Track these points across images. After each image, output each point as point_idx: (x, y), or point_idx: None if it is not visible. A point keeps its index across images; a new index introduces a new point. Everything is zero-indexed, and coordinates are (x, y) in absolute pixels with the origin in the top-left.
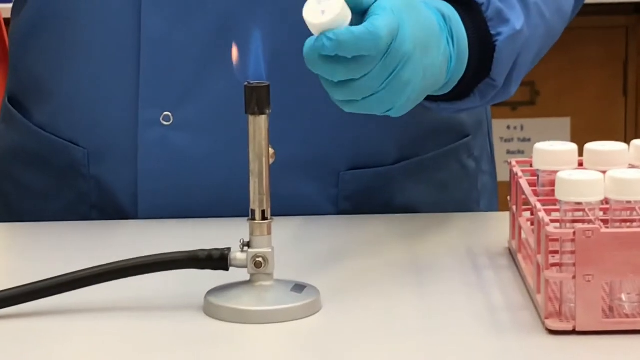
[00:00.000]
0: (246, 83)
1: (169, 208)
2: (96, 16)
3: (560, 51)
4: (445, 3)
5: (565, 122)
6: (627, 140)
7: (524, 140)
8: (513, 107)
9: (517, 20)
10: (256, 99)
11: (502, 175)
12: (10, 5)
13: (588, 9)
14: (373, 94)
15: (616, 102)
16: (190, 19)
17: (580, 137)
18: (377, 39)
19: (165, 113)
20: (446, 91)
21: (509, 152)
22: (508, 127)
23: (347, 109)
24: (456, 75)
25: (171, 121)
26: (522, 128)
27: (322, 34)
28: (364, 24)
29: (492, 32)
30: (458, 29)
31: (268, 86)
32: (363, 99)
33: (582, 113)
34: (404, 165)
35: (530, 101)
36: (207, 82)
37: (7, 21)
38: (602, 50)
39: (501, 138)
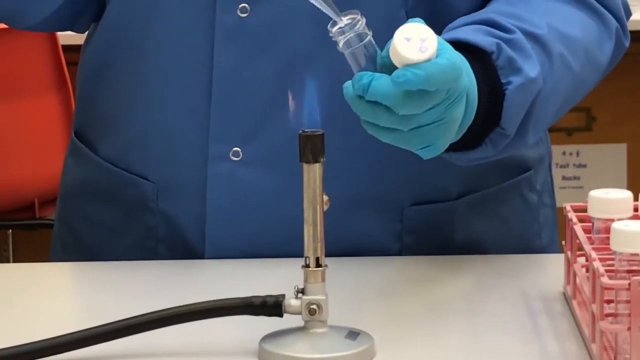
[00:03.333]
0: (300, 131)
1: (236, 243)
2: (168, 51)
3: (616, 77)
4: (455, 50)
5: (622, 148)
6: None
7: (579, 166)
8: (569, 133)
9: (532, 69)
10: (311, 148)
11: (557, 201)
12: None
13: None
14: (420, 126)
15: None
16: (262, 55)
17: (636, 164)
18: (458, 70)
19: (235, 148)
20: (456, 139)
21: (564, 177)
22: (564, 153)
23: (386, 139)
24: (465, 123)
25: (240, 157)
26: (577, 154)
27: (407, 68)
28: (439, 57)
29: (503, 81)
30: (468, 76)
31: (322, 134)
32: (409, 130)
33: (638, 139)
34: (467, 200)
35: (586, 127)
36: (277, 119)
37: (64, 48)
38: None
39: (557, 164)
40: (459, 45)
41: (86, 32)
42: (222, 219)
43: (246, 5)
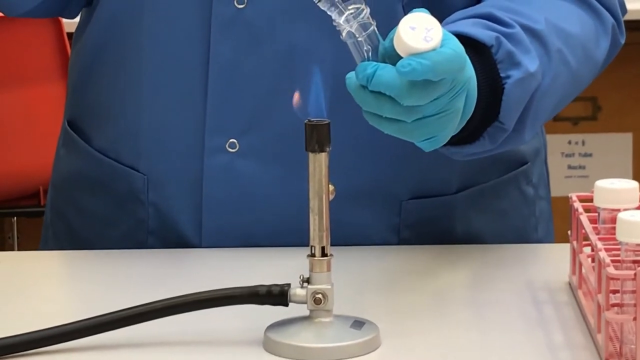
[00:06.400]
0: (306, 121)
1: (232, 235)
2: (163, 42)
3: (622, 66)
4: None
5: (627, 138)
6: None
7: (585, 155)
8: (574, 122)
9: (531, 63)
10: (316, 137)
11: (562, 190)
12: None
13: None
14: (424, 117)
15: None
16: (259, 48)
17: None
18: (463, 60)
19: (231, 140)
20: (454, 133)
21: (570, 167)
22: (569, 142)
23: (388, 130)
24: (465, 116)
25: (237, 148)
26: (583, 143)
27: (412, 57)
28: (444, 47)
29: (502, 75)
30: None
31: (328, 124)
32: (413, 121)
33: None
34: (465, 194)
35: (592, 116)
36: (274, 110)
37: (70, 35)
38: None
39: (562, 153)
40: (459, 39)
41: (78, 19)
42: (219, 210)
43: None
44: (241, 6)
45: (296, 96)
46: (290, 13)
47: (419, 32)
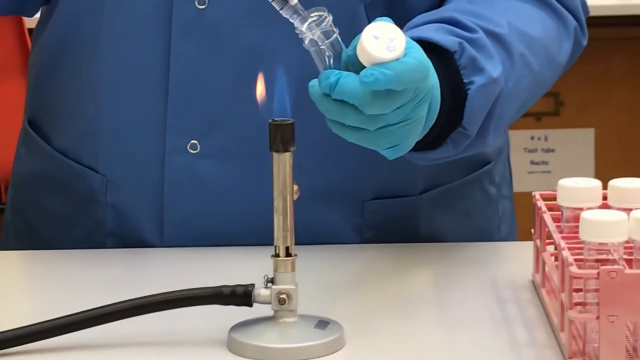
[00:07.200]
0: (271, 120)
1: (194, 236)
2: (124, 42)
3: (585, 62)
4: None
5: (589, 133)
6: None
7: (547, 150)
8: (537, 118)
9: (494, 69)
10: (281, 137)
11: (525, 186)
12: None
13: (614, 20)
14: (387, 126)
15: None
16: (220, 48)
17: (604, 148)
18: (426, 69)
19: (193, 141)
20: (418, 139)
21: (532, 162)
22: (532, 138)
23: (352, 138)
24: (428, 123)
25: (198, 150)
26: (546, 138)
27: (375, 67)
28: (407, 57)
29: (465, 81)
30: (433, 76)
31: (292, 124)
32: (376, 129)
33: (606, 124)
34: (429, 195)
35: (554, 112)
36: (235, 112)
37: (30, 31)
38: (627, 62)
39: (525, 148)
40: (421, 44)
41: (39, 15)
42: (181, 212)
43: None
44: (202, 7)
45: (260, 93)
46: (253, 14)
47: (382, 41)
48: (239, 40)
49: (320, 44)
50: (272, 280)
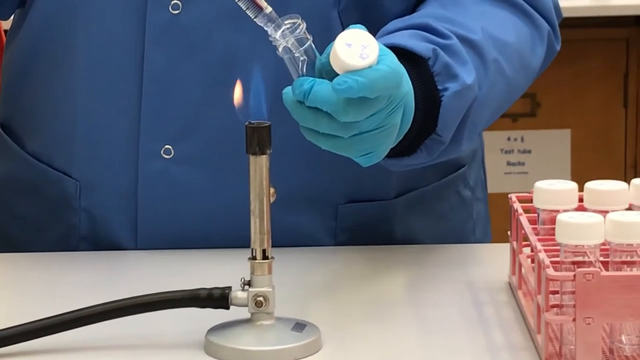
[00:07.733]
0: (247, 123)
1: (168, 240)
2: (97, 47)
3: (561, 63)
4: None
5: (566, 134)
6: (627, 153)
7: (524, 151)
8: (514, 119)
9: (468, 75)
10: (257, 140)
11: (502, 187)
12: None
13: (589, 21)
14: (361, 133)
15: (617, 114)
16: (194, 53)
17: (580, 149)
18: (399, 76)
19: (167, 146)
20: (392, 146)
21: (509, 163)
22: (508, 139)
23: (326, 146)
24: (402, 129)
25: (172, 155)
26: (522, 139)
27: (348, 75)
28: (380, 64)
29: (439, 87)
30: (407, 83)
31: (269, 126)
32: (350, 137)
33: (582, 125)
34: (404, 199)
35: (530, 113)
36: (209, 117)
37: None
38: (602, 63)
39: (501, 149)
40: (395, 51)
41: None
42: (155, 217)
43: (178, 2)
44: (176, 12)
45: (237, 97)
46: (227, 20)
47: (355, 49)
48: (212, 45)
49: (294, 51)
50: (249, 283)
